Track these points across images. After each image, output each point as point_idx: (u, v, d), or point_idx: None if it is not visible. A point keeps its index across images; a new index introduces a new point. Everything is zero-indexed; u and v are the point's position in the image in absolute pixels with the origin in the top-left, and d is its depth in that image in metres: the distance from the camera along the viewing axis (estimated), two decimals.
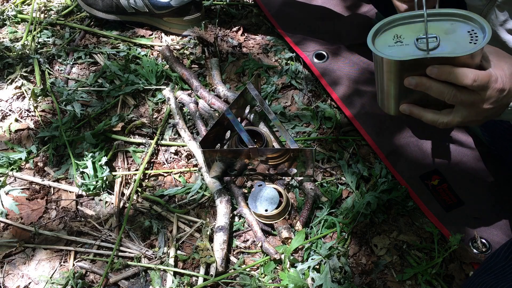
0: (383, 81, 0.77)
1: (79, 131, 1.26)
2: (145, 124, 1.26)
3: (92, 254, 1.05)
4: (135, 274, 1.02)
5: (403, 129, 1.18)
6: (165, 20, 1.45)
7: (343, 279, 0.96)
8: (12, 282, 1.02)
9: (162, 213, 1.11)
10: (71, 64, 1.42)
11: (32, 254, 1.06)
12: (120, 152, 1.22)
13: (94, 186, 1.12)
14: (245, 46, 1.45)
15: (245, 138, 1.05)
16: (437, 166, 1.11)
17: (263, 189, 1.06)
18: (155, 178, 1.18)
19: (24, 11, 1.58)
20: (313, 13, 1.48)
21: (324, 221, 1.06)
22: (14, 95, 1.35)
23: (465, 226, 1.02)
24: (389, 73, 0.74)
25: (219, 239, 1.01)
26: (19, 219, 1.12)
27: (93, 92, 1.35)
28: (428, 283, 0.97)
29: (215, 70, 1.35)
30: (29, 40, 1.46)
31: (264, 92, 1.30)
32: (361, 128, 1.18)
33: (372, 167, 1.14)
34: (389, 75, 0.74)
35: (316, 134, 1.22)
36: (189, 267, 1.02)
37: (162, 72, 1.36)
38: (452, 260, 1.00)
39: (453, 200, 1.06)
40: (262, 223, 1.06)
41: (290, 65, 1.36)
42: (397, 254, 1.02)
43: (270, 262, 1.00)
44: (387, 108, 0.85)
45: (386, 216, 1.07)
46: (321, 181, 1.13)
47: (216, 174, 1.12)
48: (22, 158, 1.20)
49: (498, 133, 1.01)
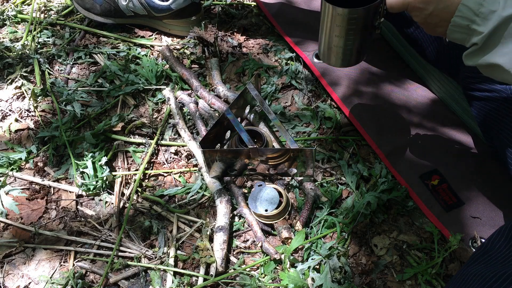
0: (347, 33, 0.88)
1: (79, 131, 1.26)
2: (145, 124, 1.26)
3: (92, 254, 1.05)
4: (135, 274, 1.02)
5: (403, 129, 1.18)
6: (165, 22, 1.45)
7: (343, 279, 0.96)
8: (12, 282, 1.02)
9: (162, 213, 1.11)
10: (71, 64, 1.42)
11: (32, 254, 1.06)
12: (120, 152, 1.22)
13: (94, 186, 1.13)
14: (245, 46, 1.45)
15: (245, 138, 1.05)
16: (437, 166, 1.11)
17: (263, 189, 1.06)
18: (155, 178, 1.18)
19: (24, 11, 1.58)
20: (313, 13, 1.47)
21: (324, 221, 1.06)
22: (14, 95, 1.35)
23: (465, 226, 1.02)
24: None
25: (219, 239, 1.01)
26: (19, 219, 1.12)
27: (93, 92, 1.35)
28: (428, 283, 0.97)
29: (215, 70, 1.35)
30: (29, 40, 1.46)
31: (264, 92, 1.30)
32: (361, 128, 1.18)
33: (372, 167, 1.14)
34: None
35: (316, 134, 1.22)
36: (189, 267, 1.02)
37: (162, 72, 1.37)
38: (452, 260, 1.00)
39: (453, 200, 1.06)
40: (262, 223, 1.06)
41: (290, 65, 1.36)
42: (397, 254, 1.02)
43: (270, 262, 1.00)
44: (353, 61, 0.97)
45: (386, 216, 1.07)
46: (321, 181, 1.13)
47: (216, 174, 1.12)
48: (22, 158, 1.20)
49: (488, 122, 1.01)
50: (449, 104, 1.22)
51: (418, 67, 1.28)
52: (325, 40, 0.93)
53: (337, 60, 0.97)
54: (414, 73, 1.30)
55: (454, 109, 1.21)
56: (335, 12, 0.85)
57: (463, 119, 1.19)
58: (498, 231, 0.77)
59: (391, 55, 1.35)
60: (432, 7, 0.76)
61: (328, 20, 0.88)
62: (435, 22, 0.78)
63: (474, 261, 0.77)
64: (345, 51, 0.93)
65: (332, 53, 0.96)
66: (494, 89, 0.96)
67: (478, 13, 0.70)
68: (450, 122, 1.19)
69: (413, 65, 1.30)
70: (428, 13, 0.77)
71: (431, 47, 1.13)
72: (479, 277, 0.70)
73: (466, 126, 1.18)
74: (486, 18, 0.70)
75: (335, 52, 0.95)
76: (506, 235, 0.75)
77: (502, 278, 0.66)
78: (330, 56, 0.97)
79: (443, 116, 1.20)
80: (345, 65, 0.99)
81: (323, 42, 0.95)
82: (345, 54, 0.94)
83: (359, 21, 0.86)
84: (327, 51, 0.96)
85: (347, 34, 0.89)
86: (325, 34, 0.92)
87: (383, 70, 1.30)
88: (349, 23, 0.86)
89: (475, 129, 1.16)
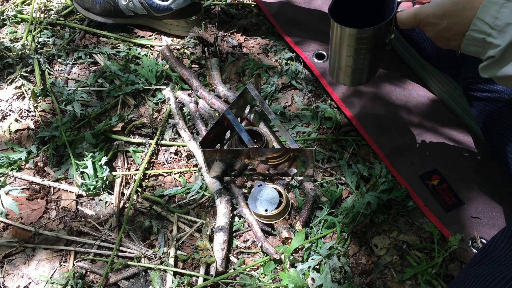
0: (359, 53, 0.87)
1: (79, 131, 1.26)
2: (145, 124, 1.26)
3: (92, 254, 1.05)
4: (135, 274, 1.02)
5: (403, 129, 1.18)
6: (165, 22, 1.45)
7: (343, 279, 0.96)
8: (12, 282, 1.02)
9: (162, 213, 1.11)
10: (71, 64, 1.42)
11: (32, 254, 1.06)
12: (120, 152, 1.22)
13: (94, 186, 1.13)
14: (245, 46, 1.45)
15: (245, 138, 1.05)
16: (437, 166, 1.11)
17: (263, 189, 1.06)
18: (155, 178, 1.18)
19: (24, 11, 1.58)
20: (313, 13, 1.47)
21: (324, 221, 1.06)
22: (14, 95, 1.35)
23: (465, 226, 1.02)
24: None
25: (219, 239, 1.01)
26: (19, 219, 1.12)
27: (93, 92, 1.35)
28: (428, 283, 0.97)
29: (215, 70, 1.35)
30: (29, 40, 1.46)
31: (264, 92, 1.30)
32: (361, 128, 1.18)
33: (372, 167, 1.14)
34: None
35: (316, 134, 1.22)
36: (189, 267, 1.02)
37: (162, 72, 1.37)
38: (452, 260, 1.00)
39: (453, 200, 1.06)
40: (262, 223, 1.06)
41: (290, 65, 1.36)
42: (397, 254, 1.02)
43: (270, 262, 1.00)
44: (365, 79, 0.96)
45: (386, 216, 1.07)
46: (321, 181, 1.13)
47: (216, 174, 1.12)
48: (22, 158, 1.20)
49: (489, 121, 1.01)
50: (449, 104, 1.22)
51: (418, 67, 1.28)
52: (335, 59, 0.92)
53: (348, 79, 0.95)
54: (414, 73, 1.30)
55: (454, 109, 1.21)
56: (344, 33, 0.84)
57: (463, 119, 1.19)
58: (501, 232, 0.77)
59: (391, 55, 1.35)
60: (446, 22, 0.75)
61: (338, 40, 0.87)
62: (449, 36, 0.77)
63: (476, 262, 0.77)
64: (355, 70, 0.91)
65: (342, 72, 0.94)
66: (495, 90, 0.96)
67: (493, 26, 0.70)
68: (450, 122, 1.19)
69: (413, 65, 1.30)
70: (442, 28, 0.76)
71: (431, 47, 1.13)
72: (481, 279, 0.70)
73: (466, 126, 1.18)
74: (502, 31, 0.69)
75: (346, 72, 0.93)
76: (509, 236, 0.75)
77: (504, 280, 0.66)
78: (340, 75, 0.95)
79: (443, 116, 1.20)
80: (355, 84, 0.97)
81: (334, 62, 0.93)
82: (355, 73, 0.92)
83: (369, 40, 0.84)
84: (338, 70, 0.94)
85: (357, 53, 0.87)
86: (335, 54, 0.91)
87: (383, 70, 1.30)
88: (359, 43, 0.84)
89: (475, 129, 1.16)
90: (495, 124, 0.97)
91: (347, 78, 0.94)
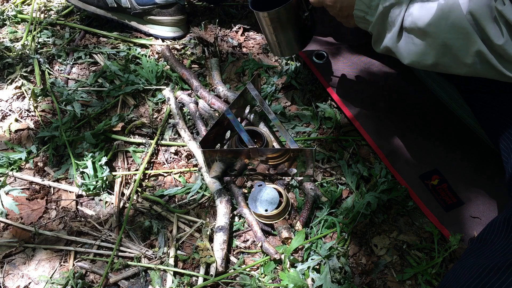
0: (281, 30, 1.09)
1: (79, 131, 1.26)
2: (145, 124, 1.26)
3: (92, 254, 1.05)
4: (135, 274, 1.02)
5: (403, 129, 1.18)
6: (145, 19, 1.44)
7: (343, 279, 0.96)
8: (12, 282, 1.02)
9: (162, 213, 1.11)
10: (71, 64, 1.42)
11: (32, 254, 1.06)
12: (120, 152, 1.22)
13: (94, 186, 1.13)
14: (245, 46, 1.45)
15: (245, 138, 1.05)
16: (437, 166, 1.11)
17: (263, 189, 1.06)
18: (155, 178, 1.18)
19: (24, 11, 1.58)
20: None
21: (324, 221, 1.06)
22: (14, 95, 1.35)
23: (465, 226, 1.02)
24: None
25: (219, 239, 1.01)
26: (19, 219, 1.12)
27: (93, 92, 1.35)
28: (428, 283, 0.97)
29: (215, 70, 1.35)
30: (29, 40, 1.46)
31: (264, 92, 1.30)
32: (361, 128, 1.18)
33: (372, 167, 1.14)
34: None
35: (316, 134, 1.22)
36: (189, 267, 1.02)
37: (162, 72, 1.36)
38: (452, 260, 1.00)
39: (453, 200, 1.06)
40: (262, 223, 1.06)
41: (290, 65, 1.36)
42: (397, 254, 1.02)
43: (270, 262, 1.00)
44: (294, 49, 1.18)
45: (386, 216, 1.07)
46: (321, 181, 1.13)
47: (216, 174, 1.12)
48: (22, 158, 1.20)
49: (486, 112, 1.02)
50: (449, 104, 1.22)
51: None
52: (266, 38, 1.15)
53: (278, 51, 1.17)
54: (414, 73, 1.30)
55: (454, 109, 1.21)
56: (259, 16, 1.06)
57: (463, 119, 1.19)
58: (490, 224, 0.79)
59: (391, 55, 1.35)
60: (339, 4, 0.93)
61: (261, 23, 1.09)
62: (345, 15, 0.95)
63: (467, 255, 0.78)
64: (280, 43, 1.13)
65: (274, 47, 1.16)
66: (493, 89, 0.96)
67: (370, 6, 0.86)
68: (450, 122, 1.19)
69: None
70: (338, 9, 0.94)
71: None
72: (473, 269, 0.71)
73: (466, 126, 1.18)
74: (375, 10, 0.86)
75: (275, 45, 1.14)
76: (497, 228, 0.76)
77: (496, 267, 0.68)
78: (273, 49, 1.18)
79: (443, 116, 1.20)
80: (286, 54, 1.20)
81: (267, 40, 1.16)
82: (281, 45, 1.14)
83: (280, 18, 1.05)
84: (270, 46, 1.17)
85: (275, 30, 1.09)
86: (264, 34, 1.13)
87: (383, 70, 1.30)
88: (273, 22, 1.06)
89: (475, 129, 1.16)
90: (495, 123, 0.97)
91: (277, 50, 1.16)
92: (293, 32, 1.10)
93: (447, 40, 0.78)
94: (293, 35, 1.12)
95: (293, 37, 1.12)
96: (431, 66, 0.85)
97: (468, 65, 0.79)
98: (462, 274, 0.72)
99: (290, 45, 1.14)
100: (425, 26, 0.79)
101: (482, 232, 0.80)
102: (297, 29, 1.11)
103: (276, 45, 1.14)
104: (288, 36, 1.11)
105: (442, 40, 0.79)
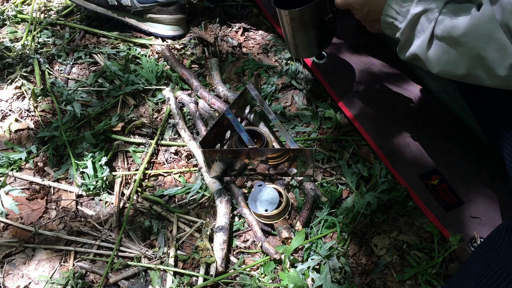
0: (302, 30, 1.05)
1: (79, 131, 1.26)
2: (145, 124, 1.26)
3: (92, 254, 1.05)
4: (135, 274, 1.02)
5: (403, 129, 1.18)
6: (145, 18, 1.44)
7: (343, 279, 0.96)
8: (12, 282, 1.02)
9: (162, 213, 1.11)
10: (71, 64, 1.42)
11: (32, 254, 1.06)
12: (120, 152, 1.22)
13: (94, 186, 1.13)
14: (245, 46, 1.45)
15: (245, 138, 1.05)
16: (437, 166, 1.11)
17: (263, 189, 1.06)
18: (155, 178, 1.18)
19: (24, 11, 1.58)
20: None
21: (324, 221, 1.06)
22: (14, 95, 1.35)
23: (465, 226, 1.02)
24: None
25: (219, 239, 1.01)
26: (19, 219, 1.12)
27: (93, 92, 1.35)
28: (428, 283, 0.97)
29: (215, 70, 1.35)
30: (29, 40, 1.46)
31: (264, 92, 1.30)
32: (361, 128, 1.18)
33: (372, 167, 1.14)
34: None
35: (316, 134, 1.22)
36: (189, 267, 1.02)
37: (162, 72, 1.36)
38: (452, 260, 1.00)
39: (453, 200, 1.06)
40: (262, 223, 1.06)
41: (290, 65, 1.36)
42: (397, 254, 1.02)
43: (270, 262, 1.00)
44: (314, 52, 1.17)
45: (386, 216, 1.07)
46: (321, 181, 1.13)
47: (216, 174, 1.12)
48: (22, 158, 1.20)
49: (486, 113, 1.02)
50: (449, 104, 1.22)
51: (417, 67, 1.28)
52: (285, 38, 1.11)
53: (294, 52, 1.14)
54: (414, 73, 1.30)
55: (454, 109, 1.21)
56: (281, 14, 1.03)
57: (463, 119, 1.19)
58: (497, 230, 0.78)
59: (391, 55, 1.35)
60: (367, 8, 0.90)
61: (282, 21, 1.05)
62: (371, 20, 0.92)
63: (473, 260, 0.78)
64: (299, 44, 1.10)
65: (291, 47, 1.13)
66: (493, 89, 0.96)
67: (399, 12, 0.84)
68: (450, 122, 1.19)
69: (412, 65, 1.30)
70: (365, 13, 0.92)
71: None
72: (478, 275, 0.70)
73: (466, 126, 1.18)
74: (404, 16, 0.84)
75: (293, 46, 1.11)
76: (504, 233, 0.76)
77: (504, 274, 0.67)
78: (291, 49, 1.14)
79: (443, 116, 1.20)
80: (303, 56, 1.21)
81: (286, 40, 1.12)
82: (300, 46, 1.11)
83: (302, 19, 1.02)
84: (288, 45, 1.13)
85: (295, 30, 1.05)
86: (284, 33, 1.10)
87: (383, 70, 1.30)
88: (294, 21, 1.03)
89: (475, 129, 1.16)
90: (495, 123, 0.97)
91: (294, 51, 1.14)
92: (313, 34, 1.07)
93: (481, 51, 0.76)
94: (313, 37, 1.08)
95: (312, 39, 1.09)
96: (461, 77, 0.83)
97: (501, 77, 0.77)
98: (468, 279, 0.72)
99: (309, 47, 1.11)
100: (458, 35, 0.77)
101: (489, 236, 0.79)
102: (318, 31, 1.07)
103: (294, 45, 1.11)
104: (307, 37, 1.08)
105: (476, 51, 0.76)
